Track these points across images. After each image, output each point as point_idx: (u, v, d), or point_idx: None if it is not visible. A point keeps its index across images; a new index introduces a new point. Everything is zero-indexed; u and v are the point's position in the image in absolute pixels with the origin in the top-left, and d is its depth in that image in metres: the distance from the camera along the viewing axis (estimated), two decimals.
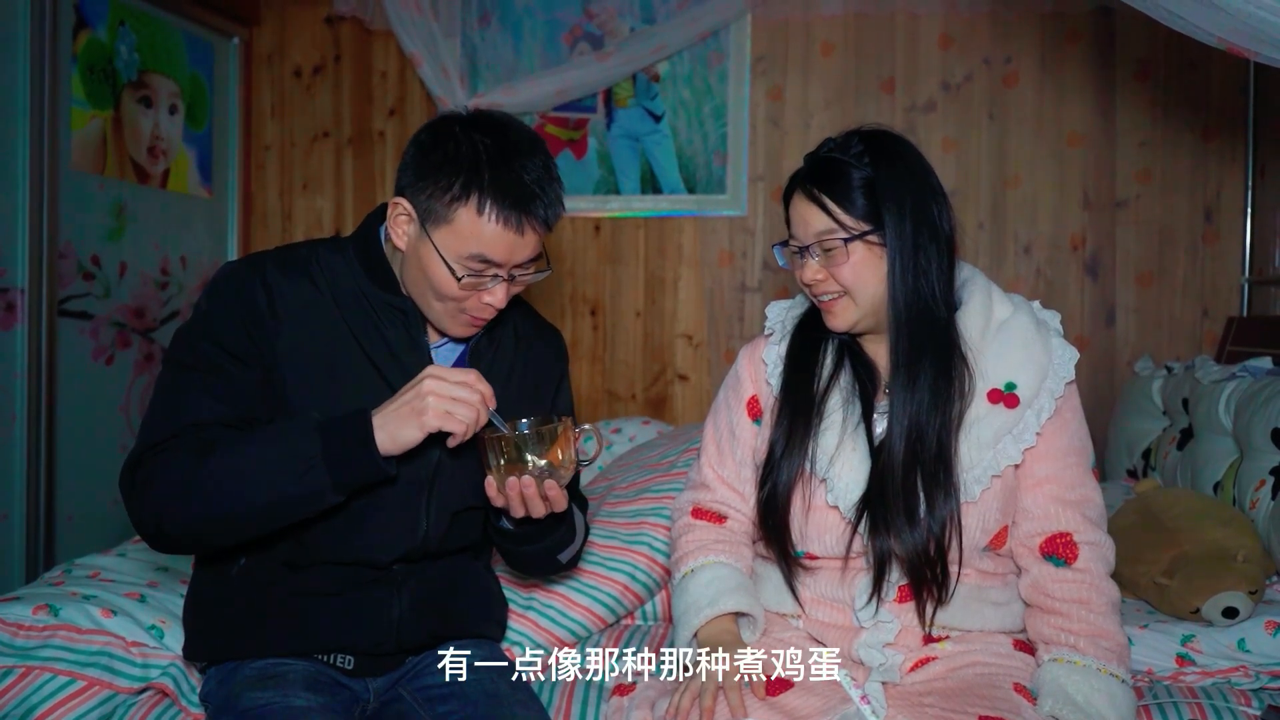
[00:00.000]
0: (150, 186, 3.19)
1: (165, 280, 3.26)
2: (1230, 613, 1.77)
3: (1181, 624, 1.81)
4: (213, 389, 1.46)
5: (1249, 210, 3.09)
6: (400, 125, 3.59)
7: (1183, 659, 1.75)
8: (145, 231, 3.16)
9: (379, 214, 1.61)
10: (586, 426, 1.53)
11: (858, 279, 1.50)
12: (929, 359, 1.49)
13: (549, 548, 1.66)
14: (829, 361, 1.60)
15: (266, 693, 1.47)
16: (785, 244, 1.59)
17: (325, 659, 1.57)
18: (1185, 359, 2.95)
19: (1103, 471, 2.99)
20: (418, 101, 3.57)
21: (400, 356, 1.54)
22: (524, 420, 1.48)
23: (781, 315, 1.70)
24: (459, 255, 1.45)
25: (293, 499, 1.39)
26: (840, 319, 1.54)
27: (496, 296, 1.50)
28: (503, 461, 1.45)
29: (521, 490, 1.45)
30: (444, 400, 1.37)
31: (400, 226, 1.51)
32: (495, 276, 1.48)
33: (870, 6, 3.26)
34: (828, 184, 1.50)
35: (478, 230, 1.44)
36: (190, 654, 1.61)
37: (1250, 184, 3.08)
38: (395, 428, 1.39)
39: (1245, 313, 3.09)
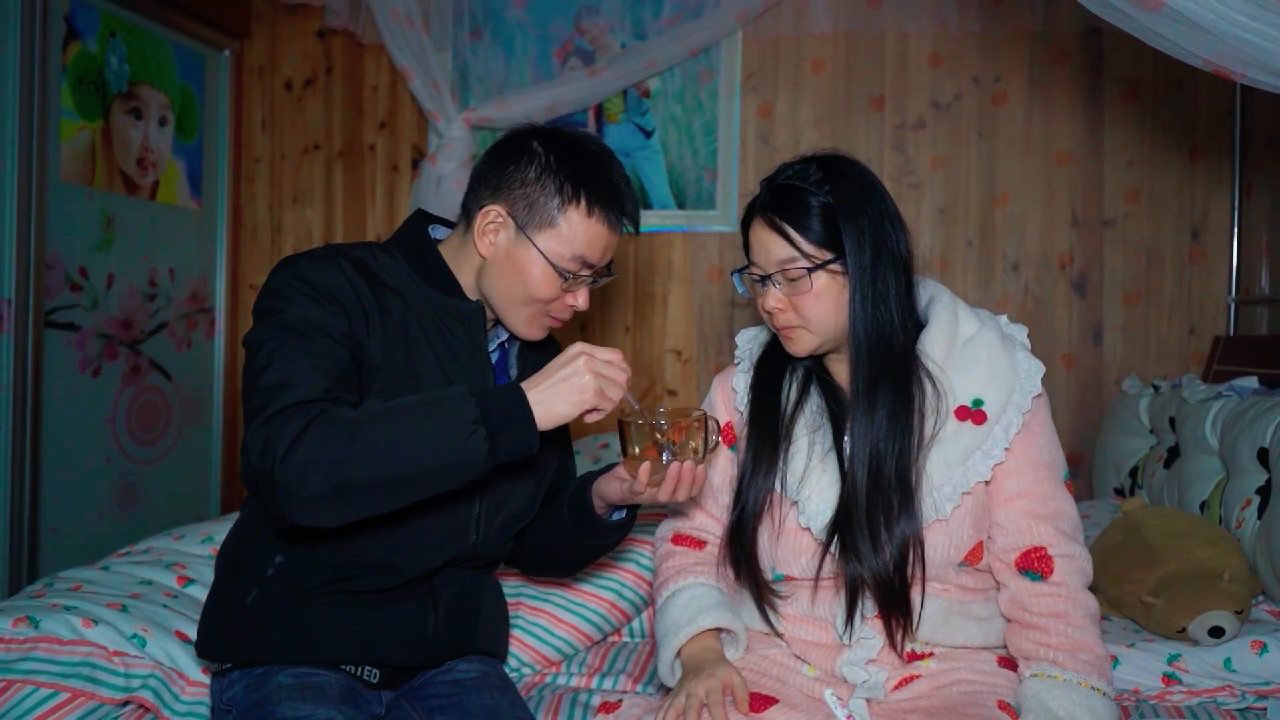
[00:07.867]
0: (139, 198, 3.18)
1: (153, 292, 3.24)
2: (1216, 632, 1.77)
3: (1168, 643, 1.81)
4: (323, 366, 1.40)
5: (1235, 230, 3.11)
6: (390, 139, 3.60)
7: (1169, 678, 1.75)
8: (133, 243, 3.15)
9: (416, 221, 1.63)
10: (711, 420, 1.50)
11: (820, 308, 1.51)
12: (886, 386, 1.49)
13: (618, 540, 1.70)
14: (794, 387, 1.61)
15: (306, 705, 1.44)
16: (744, 270, 1.59)
17: (353, 671, 1.55)
18: (1172, 378, 2.96)
19: (1090, 490, 2.99)
20: (408, 115, 3.57)
21: (462, 358, 1.55)
22: (660, 409, 1.48)
23: (750, 342, 1.72)
24: (562, 257, 1.51)
25: (448, 467, 1.34)
26: (800, 345, 1.55)
27: (581, 299, 1.57)
28: (664, 446, 1.44)
29: (681, 474, 1.44)
30: (600, 379, 1.38)
31: (490, 235, 1.53)
32: (586, 278, 1.54)
33: (861, 25, 3.28)
34: (788, 212, 1.50)
35: (585, 231, 1.51)
36: (210, 654, 1.56)
37: (1237, 204, 3.11)
38: (552, 403, 1.37)
39: (1232, 332, 3.11)
